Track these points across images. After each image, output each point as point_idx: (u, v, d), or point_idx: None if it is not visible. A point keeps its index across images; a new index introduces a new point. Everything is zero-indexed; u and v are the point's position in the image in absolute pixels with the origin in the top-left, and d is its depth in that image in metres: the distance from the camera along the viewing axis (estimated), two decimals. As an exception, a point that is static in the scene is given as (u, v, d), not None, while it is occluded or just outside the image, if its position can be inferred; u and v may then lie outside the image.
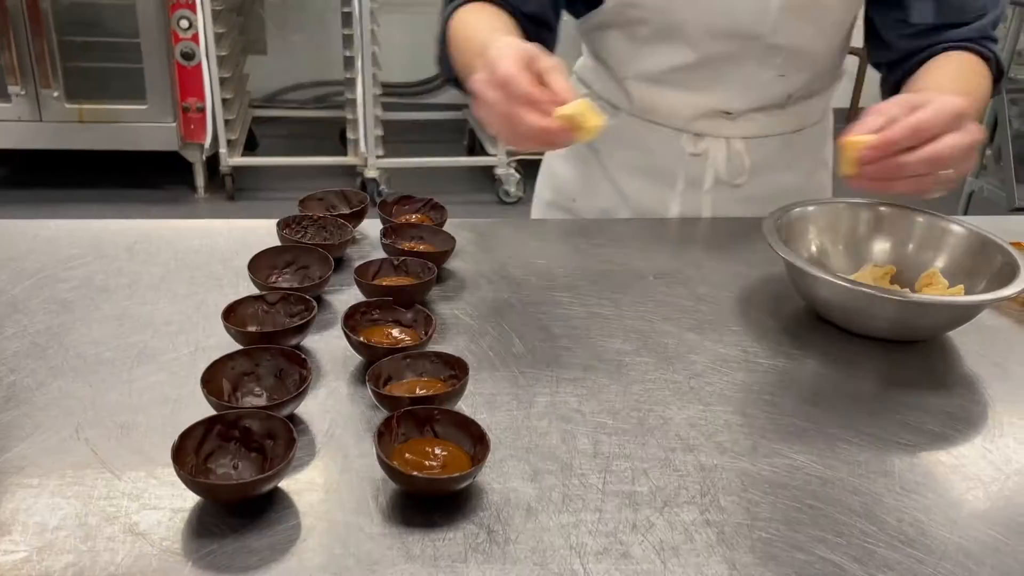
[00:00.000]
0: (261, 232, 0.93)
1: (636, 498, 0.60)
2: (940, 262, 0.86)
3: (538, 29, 0.97)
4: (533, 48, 0.75)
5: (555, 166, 1.19)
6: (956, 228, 0.86)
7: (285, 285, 0.80)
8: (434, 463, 0.59)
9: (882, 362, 0.79)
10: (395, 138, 3.54)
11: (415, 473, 0.56)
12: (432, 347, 0.71)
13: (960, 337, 0.83)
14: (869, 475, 0.63)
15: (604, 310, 0.84)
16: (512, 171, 3.44)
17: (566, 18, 1.05)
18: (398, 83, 4.04)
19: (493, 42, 0.77)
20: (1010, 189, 3.28)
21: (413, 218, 0.94)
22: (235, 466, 0.59)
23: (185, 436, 0.57)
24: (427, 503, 0.57)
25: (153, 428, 0.63)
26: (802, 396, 0.73)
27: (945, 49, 0.96)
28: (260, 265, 0.81)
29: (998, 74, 0.98)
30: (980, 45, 0.96)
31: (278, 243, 0.86)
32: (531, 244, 0.96)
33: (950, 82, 0.92)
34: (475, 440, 0.60)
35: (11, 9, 2.86)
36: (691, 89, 1.02)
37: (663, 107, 1.05)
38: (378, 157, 3.36)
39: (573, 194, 1.16)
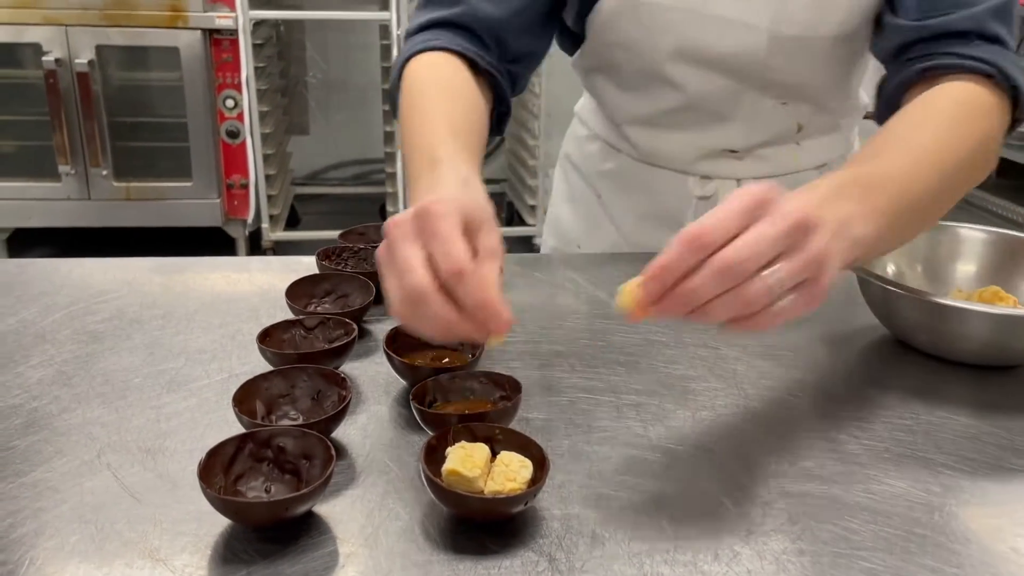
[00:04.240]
0: (300, 268, 0.89)
1: (716, 525, 0.52)
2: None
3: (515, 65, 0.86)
4: (477, 212, 0.55)
5: (558, 211, 1.14)
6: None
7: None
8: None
9: (975, 388, 0.71)
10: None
11: (467, 493, 0.50)
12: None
13: (1060, 363, 0.76)
14: (981, 502, 0.56)
15: (663, 337, 0.77)
16: (552, 242, 3.42)
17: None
18: (437, 160, 4.08)
19: (438, 172, 0.60)
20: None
21: (458, 250, 0.89)
22: (267, 489, 0.53)
23: (213, 454, 0.51)
24: (479, 528, 0.51)
25: (180, 453, 0.58)
26: (891, 422, 0.65)
27: (938, 71, 0.74)
28: (298, 293, 0.77)
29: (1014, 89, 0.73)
30: (980, 58, 0.72)
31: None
32: (579, 275, 0.91)
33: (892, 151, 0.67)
34: (535, 463, 0.53)
35: (64, 93, 2.95)
36: (689, 129, 0.95)
37: (664, 150, 0.98)
38: (417, 230, 3.36)
39: (577, 239, 1.10)
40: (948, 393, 0.70)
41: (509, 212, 3.91)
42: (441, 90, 0.75)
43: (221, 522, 0.51)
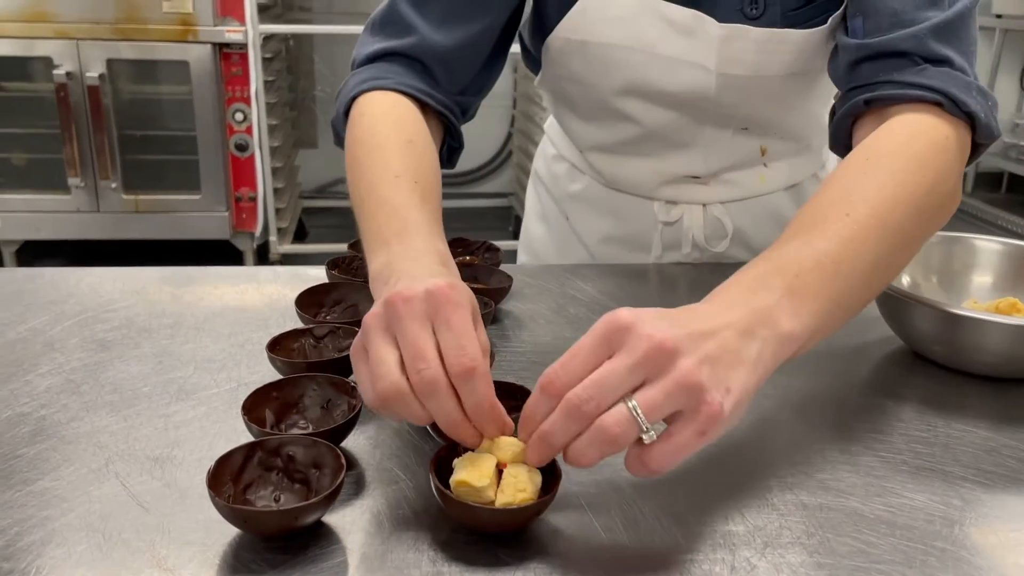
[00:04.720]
0: (308, 278, 0.89)
1: (731, 538, 0.52)
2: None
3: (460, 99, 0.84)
4: (475, 307, 0.54)
5: (531, 227, 1.13)
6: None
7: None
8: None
9: (993, 400, 0.70)
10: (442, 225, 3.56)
11: (476, 504, 0.49)
12: (492, 379, 0.65)
13: (1078, 376, 0.74)
14: (1001, 515, 0.55)
15: (676, 349, 0.77)
16: (559, 255, 3.42)
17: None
18: (445, 173, 4.09)
19: (412, 243, 0.59)
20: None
21: (467, 259, 0.89)
22: (276, 498, 0.52)
23: (222, 462, 0.51)
24: (490, 539, 0.50)
25: (189, 461, 0.58)
26: (909, 434, 0.64)
27: (884, 102, 0.70)
28: (308, 302, 0.76)
29: (969, 113, 0.67)
30: (925, 85, 0.67)
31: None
32: (590, 285, 0.90)
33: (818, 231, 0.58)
34: (545, 473, 0.52)
35: (74, 106, 2.97)
36: (650, 157, 0.94)
37: (626, 176, 0.97)
38: (425, 243, 3.36)
39: (547, 257, 1.09)
40: (965, 405, 0.69)
41: (516, 225, 3.92)
42: (401, 142, 0.71)
43: (230, 531, 0.50)
